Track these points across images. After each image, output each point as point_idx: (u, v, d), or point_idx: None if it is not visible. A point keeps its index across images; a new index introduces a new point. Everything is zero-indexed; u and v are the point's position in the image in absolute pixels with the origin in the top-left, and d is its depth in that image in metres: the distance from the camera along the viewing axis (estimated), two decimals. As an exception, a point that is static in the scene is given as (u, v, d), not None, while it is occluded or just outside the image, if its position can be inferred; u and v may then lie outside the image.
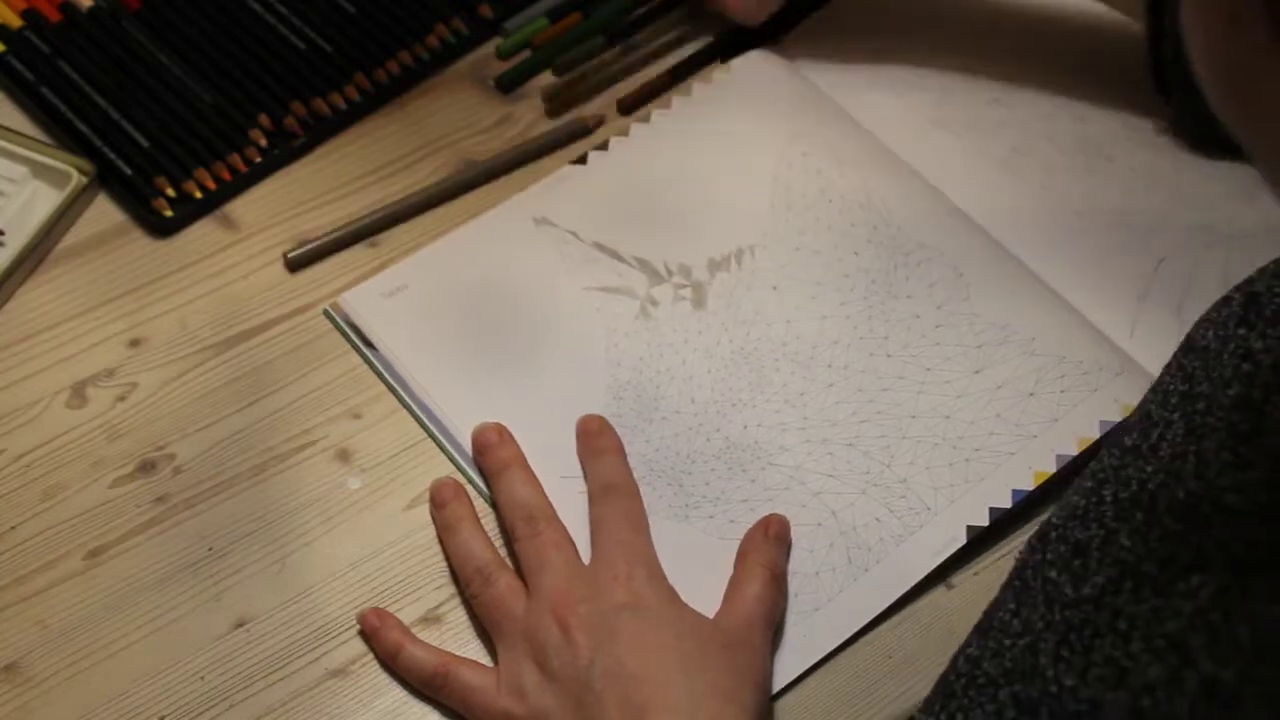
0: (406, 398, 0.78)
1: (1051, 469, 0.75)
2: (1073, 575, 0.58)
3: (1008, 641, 0.58)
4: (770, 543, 0.71)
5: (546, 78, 0.91)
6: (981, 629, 0.61)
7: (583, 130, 0.88)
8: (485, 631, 0.71)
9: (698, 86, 0.90)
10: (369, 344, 0.79)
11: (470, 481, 0.75)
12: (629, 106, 0.90)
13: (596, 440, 0.75)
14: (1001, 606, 0.61)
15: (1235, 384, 0.59)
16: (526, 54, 0.92)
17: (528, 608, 0.68)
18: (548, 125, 0.89)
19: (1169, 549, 0.55)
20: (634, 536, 0.69)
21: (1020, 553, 0.63)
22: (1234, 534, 0.53)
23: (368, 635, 0.70)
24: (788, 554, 0.72)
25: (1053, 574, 0.59)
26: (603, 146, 0.87)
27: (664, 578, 0.69)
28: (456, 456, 0.76)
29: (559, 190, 0.85)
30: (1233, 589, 0.51)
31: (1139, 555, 0.57)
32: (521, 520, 0.71)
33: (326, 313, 0.81)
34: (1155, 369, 0.64)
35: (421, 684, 0.69)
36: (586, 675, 0.64)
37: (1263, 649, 0.49)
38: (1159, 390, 0.63)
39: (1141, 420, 0.63)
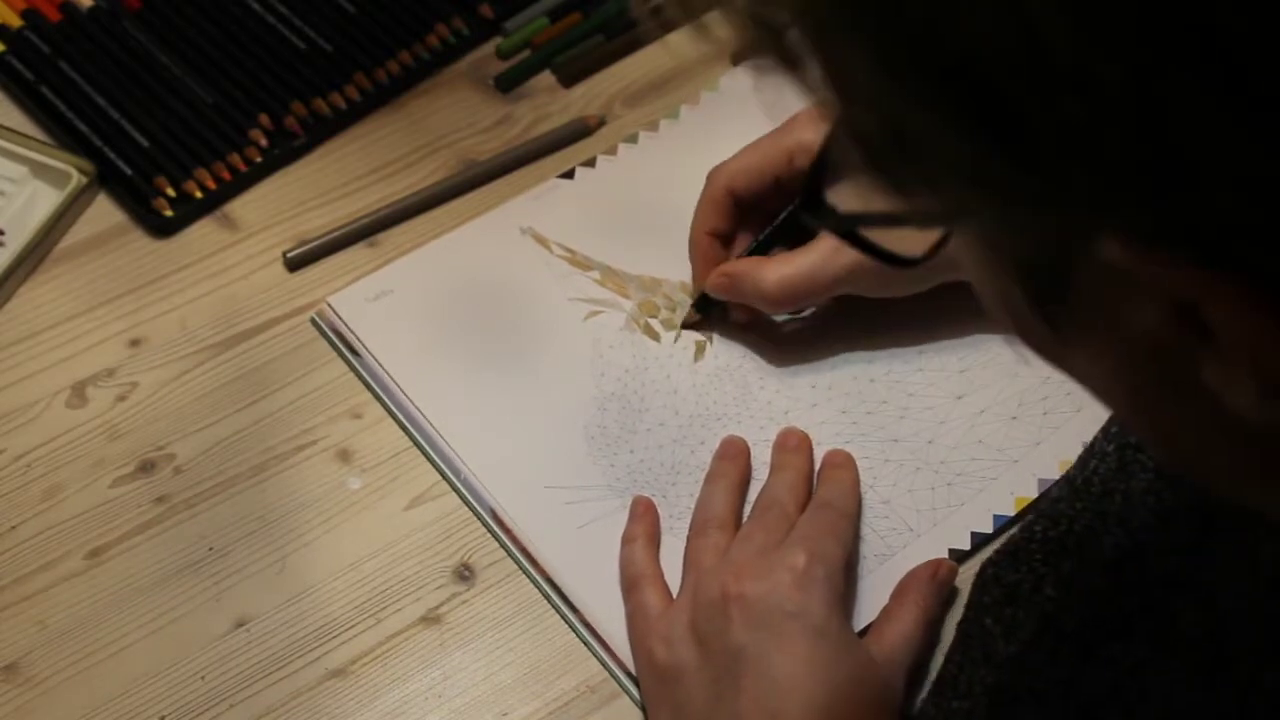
0: (390, 403, 0.78)
1: (1033, 493, 0.74)
2: (1005, 627, 0.58)
3: (955, 704, 0.58)
4: (934, 587, 0.70)
5: (547, 78, 0.91)
6: (936, 681, 0.62)
7: (584, 131, 0.88)
8: (487, 633, 0.71)
9: (685, 108, 0.89)
10: (353, 351, 0.79)
11: (455, 490, 0.75)
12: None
13: (837, 467, 0.74)
14: (951, 656, 0.61)
15: None
16: (526, 54, 0.92)
17: (712, 566, 0.68)
18: (548, 125, 0.89)
19: (1091, 608, 0.55)
20: (828, 539, 0.68)
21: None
22: (1162, 605, 0.52)
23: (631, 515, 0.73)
24: (947, 604, 0.70)
25: (988, 621, 0.59)
26: (590, 163, 0.87)
27: (840, 588, 0.67)
28: (439, 462, 0.76)
29: (545, 202, 0.85)
30: (1151, 664, 0.50)
31: (1060, 606, 0.56)
32: (767, 508, 0.71)
33: (313, 320, 0.81)
34: None
35: (620, 581, 0.71)
36: (733, 657, 0.63)
37: None
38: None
39: (1086, 448, 0.62)
